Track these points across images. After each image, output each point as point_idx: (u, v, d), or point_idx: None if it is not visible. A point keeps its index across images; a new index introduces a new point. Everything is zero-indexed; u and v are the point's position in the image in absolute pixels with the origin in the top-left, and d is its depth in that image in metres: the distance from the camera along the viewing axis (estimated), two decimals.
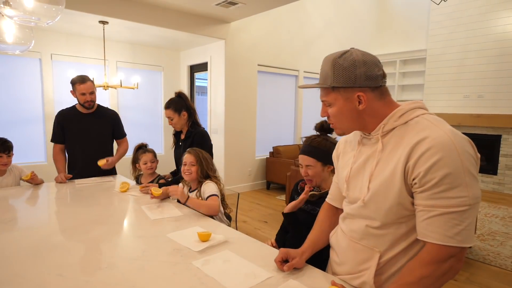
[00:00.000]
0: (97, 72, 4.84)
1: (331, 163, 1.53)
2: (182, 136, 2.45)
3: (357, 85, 0.94)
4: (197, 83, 6.04)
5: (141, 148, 2.42)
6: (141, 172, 2.46)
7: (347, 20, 7.09)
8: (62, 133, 2.56)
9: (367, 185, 0.98)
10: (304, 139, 1.61)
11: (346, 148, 1.17)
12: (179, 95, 2.43)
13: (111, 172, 2.71)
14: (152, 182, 2.37)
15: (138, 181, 2.47)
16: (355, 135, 1.10)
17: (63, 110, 2.60)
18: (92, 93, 2.49)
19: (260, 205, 4.85)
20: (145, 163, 2.36)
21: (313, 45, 6.43)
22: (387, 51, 7.45)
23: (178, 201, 2.01)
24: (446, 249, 0.84)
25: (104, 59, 4.52)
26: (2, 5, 1.37)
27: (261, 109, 5.79)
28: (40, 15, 1.23)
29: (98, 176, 2.59)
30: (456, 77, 6.10)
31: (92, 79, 2.53)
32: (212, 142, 2.44)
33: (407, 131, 0.93)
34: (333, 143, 1.53)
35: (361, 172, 1.04)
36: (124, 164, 3.29)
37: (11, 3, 1.19)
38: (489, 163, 5.59)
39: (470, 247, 3.21)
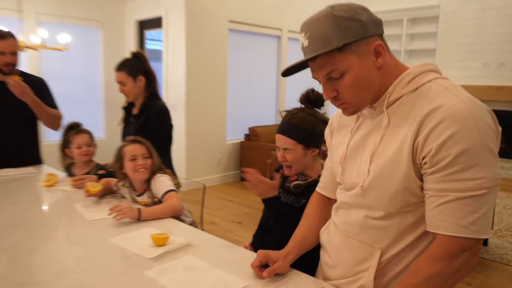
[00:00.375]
0: (8, 28, 4.59)
1: (316, 146, 1.55)
2: (135, 111, 2.43)
3: (369, 33, 0.94)
4: (149, 45, 5.92)
5: (73, 128, 2.36)
6: (74, 160, 2.40)
7: None
8: None
9: (367, 167, 1.00)
10: (284, 113, 1.61)
11: (341, 123, 1.18)
12: (137, 56, 2.42)
13: (34, 161, 2.65)
14: (88, 173, 2.32)
15: (69, 172, 2.41)
16: None
17: None
18: (15, 53, 2.45)
19: (232, 202, 4.89)
20: (79, 147, 2.30)
21: None
22: (390, 7, 7.52)
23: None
24: (459, 241, 0.87)
25: (19, 10, 4.31)
26: None
27: (233, 80, 5.76)
28: None
29: (16, 167, 2.50)
30: (473, 40, 6.29)
31: (14, 36, 2.48)
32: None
33: (416, 99, 0.94)
34: (321, 120, 1.54)
35: (359, 151, 1.05)
36: (50, 150, 3.20)
37: None
38: (510, 145, 5.89)
39: (485, 243, 3.41)
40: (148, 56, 5.83)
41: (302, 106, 1.58)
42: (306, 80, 6.85)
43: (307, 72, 1.04)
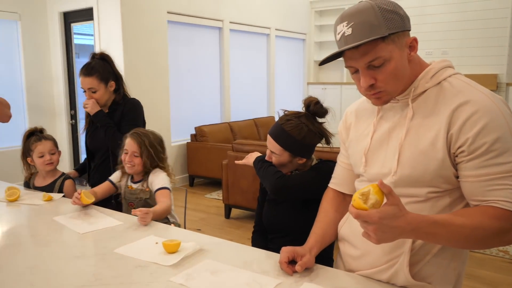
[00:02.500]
0: None
1: (304, 156, 1.66)
2: (105, 110, 2.41)
3: (406, 27, 1.08)
4: (77, 39, 5.69)
5: (34, 135, 2.28)
6: (36, 170, 2.32)
7: None
8: None
9: (396, 157, 1.14)
10: (282, 113, 1.70)
11: (360, 117, 1.32)
12: (103, 57, 2.40)
13: None
14: (54, 183, 2.26)
15: (30, 185, 2.32)
16: (368, 100, 1.25)
17: None
18: None
19: (186, 208, 4.86)
20: (42, 156, 2.24)
21: None
22: None
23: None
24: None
25: None
26: None
27: (175, 76, 5.74)
28: None
29: None
30: (416, 29, 6.86)
31: None
32: None
33: (441, 94, 1.11)
34: (315, 132, 1.62)
35: (384, 143, 1.20)
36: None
37: None
38: None
39: None
40: (76, 52, 5.68)
41: (302, 111, 1.66)
42: (256, 77, 6.97)
43: (256, 70, 1.14)
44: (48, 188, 2.27)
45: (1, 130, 4.20)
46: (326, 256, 1.46)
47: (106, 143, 2.32)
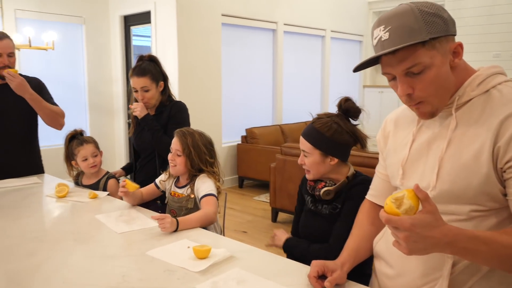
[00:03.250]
0: None
1: (336, 155, 1.58)
2: (152, 112, 2.45)
3: (450, 31, 0.99)
4: (136, 41, 5.92)
5: (75, 138, 2.38)
6: (81, 170, 2.42)
7: None
8: None
9: (435, 171, 1.05)
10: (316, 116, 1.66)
11: (399, 126, 1.23)
12: (152, 59, 2.44)
13: (36, 170, 2.68)
14: (98, 182, 2.35)
15: (79, 182, 2.43)
16: (410, 109, 1.17)
17: None
18: (12, 54, 2.48)
19: (233, 209, 4.91)
20: (85, 159, 2.32)
21: None
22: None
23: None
24: None
25: None
26: None
27: (227, 77, 5.80)
28: None
29: (17, 176, 2.53)
30: (484, 30, 6.45)
31: (10, 37, 2.51)
32: None
33: (489, 103, 1.01)
34: (346, 131, 1.57)
35: (423, 155, 1.11)
36: (51, 157, 3.21)
37: None
38: None
39: None
40: (134, 53, 5.90)
41: (337, 112, 1.62)
42: (307, 78, 6.88)
43: (307, 72, 1.07)
44: (94, 187, 2.36)
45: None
46: (361, 272, 1.38)
47: (153, 145, 2.37)
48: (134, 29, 5.81)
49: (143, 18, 5.49)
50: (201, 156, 1.97)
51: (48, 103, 2.57)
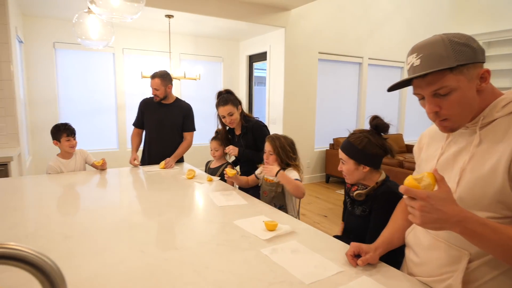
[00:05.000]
0: (163, 65, 5.15)
1: (367, 164, 1.46)
2: (237, 132, 2.47)
3: (478, 59, 0.87)
4: (256, 73, 6.12)
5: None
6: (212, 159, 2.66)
7: (419, 0, 6.57)
8: (141, 119, 2.85)
9: (456, 180, 0.91)
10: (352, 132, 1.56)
11: (432, 140, 1.10)
12: (228, 91, 2.44)
13: (179, 160, 2.89)
14: (219, 167, 2.50)
15: (206, 166, 2.64)
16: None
17: (146, 98, 2.89)
18: (157, 89, 2.69)
19: (319, 198, 4.80)
20: (211, 150, 2.53)
21: (380, 30, 6.09)
22: (466, 33, 6.77)
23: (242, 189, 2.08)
24: None
25: (169, 52, 4.79)
26: (89, 3, 1.52)
27: (321, 99, 5.68)
28: (124, 12, 1.35)
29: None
30: None
31: (160, 77, 2.69)
32: (271, 133, 2.47)
33: (511, 123, 0.85)
34: (376, 144, 1.44)
35: (449, 165, 0.97)
36: (188, 153, 3.50)
37: (100, 2, 1.33)
38: None
39: None
40: (254, 81, 6.12)
41: (369, 128, 1.51)
42: (383, 100, 6.41)
43: (383, 95, 0.98)
44: (216, 170, 2.52)
45: (204, 131, 4.84)
46: (394, 260, 1.25)
47: (254, 160, 2.34)
48: (255, 64, 6.03)
49: (262, 56, 5.68)
50: (286, 154, 2.00)
51: (181, 149, 2.76)
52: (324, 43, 5.45)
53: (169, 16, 4.29)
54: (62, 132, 2.38)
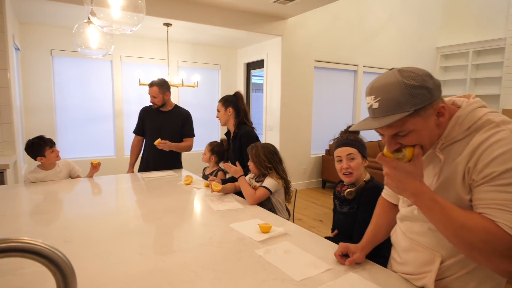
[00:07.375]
0: (161, 72, 5.23)
1: (366, 158, 1.62)
2: (232, 135, 2.55)
3: (434, 98, 0.89)
4: (253, 80, 6.20)
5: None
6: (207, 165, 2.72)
7: (413, 10, 6.72)
8: (142, 127, 2.90)
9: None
10: (338, 135, 1.69)
11: None
12: (235, 94, 2.54)
13: (177, 166, 2.95)
14: (211, 173, 2.57)
15: (203, 173, 2.70)
16: None
17: (146, 106, 2.95)
18: (155, 97, 2.76)
19: (315, 203, 4.85)
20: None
21: (374, 38, 6.22)
22: (457, 42, 6.92)
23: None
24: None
25: (168, 60, 4.87)
26: (90, 15, 1.60)
27: (317, 106, 5.76)
28: (124, 24, 1.42)
29: (166, 170, 2.84)
30: None
31: (158, 85, 2.77)
32: (268, 139, 2.54)
33: (470, 137, 0.91)
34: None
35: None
36: (187, 160, 3.56)
37: (101, 14, 1.40)
38: None
39: None
40: (252, 88, 6.21)
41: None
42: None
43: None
44: (210, 175, 2.58)
45: (203, 137, 4.89)
46: (379, 254, 1.34)
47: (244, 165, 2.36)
48: (253, 72, 6.12)
49: (259, 64, 5.77)
50: (260, 163, 2.07)
51: (181, 144, 2.78)
52: (320, 51, 5.55)
53: (167, 25, 4.38)
54: (44, 146, 2.27)
